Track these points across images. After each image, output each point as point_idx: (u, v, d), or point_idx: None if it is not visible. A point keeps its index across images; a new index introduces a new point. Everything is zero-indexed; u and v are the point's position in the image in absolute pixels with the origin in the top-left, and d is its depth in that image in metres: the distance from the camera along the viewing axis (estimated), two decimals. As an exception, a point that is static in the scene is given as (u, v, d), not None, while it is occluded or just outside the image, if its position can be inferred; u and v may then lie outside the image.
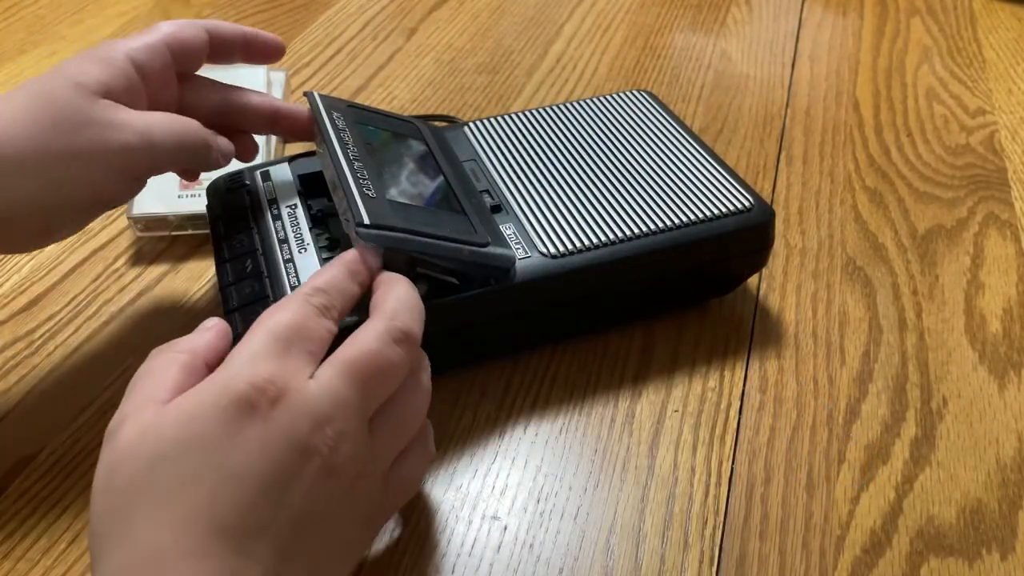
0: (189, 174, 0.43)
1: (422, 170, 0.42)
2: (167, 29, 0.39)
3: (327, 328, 0.30)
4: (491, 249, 0.38)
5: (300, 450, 0.26)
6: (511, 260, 0.39)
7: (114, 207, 0.39)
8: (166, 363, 0.29)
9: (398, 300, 0.32)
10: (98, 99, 0.35)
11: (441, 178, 0.42)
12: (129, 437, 0.26)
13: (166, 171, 0.39)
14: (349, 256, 0.33)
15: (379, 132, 0.43)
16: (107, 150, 0.35)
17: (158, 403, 0.27)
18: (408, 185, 0.40)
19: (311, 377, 0.28)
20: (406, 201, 0.38)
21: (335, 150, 0.39)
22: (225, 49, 0.42)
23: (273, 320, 0.29)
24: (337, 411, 0.28)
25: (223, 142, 0.41)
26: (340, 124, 0.41)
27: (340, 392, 0.28)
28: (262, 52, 0.43)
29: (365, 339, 0.29)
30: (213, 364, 0.30)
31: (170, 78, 0.39)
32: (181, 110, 0.40)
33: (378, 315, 0.31)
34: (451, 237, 0.37)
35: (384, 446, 0.30)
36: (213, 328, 0.31)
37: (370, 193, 0.36)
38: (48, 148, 0.34)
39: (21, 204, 0.34)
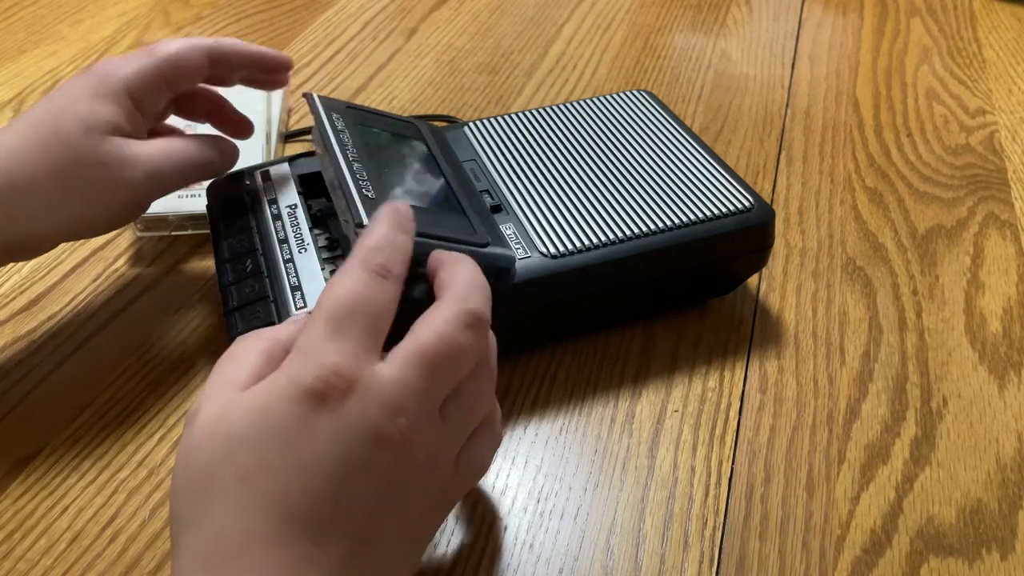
0: None
1: (422, 171, 0.42)
2: (164, 52, 0.40)
3: (390, 294, 0.29)
4: (491, 249, 0.38)
5: (373, 440, 0.26)
6: (511, 260, 0.39)
7: (111, 231, 0.41)
8: (247, 349, 0.29)
9: (467, 281, 0.31)
10: (107, 138, 0.37)
11: (441, 178, 0.42)
12: (207, 421, 0.27)
13: (171, 192, 0.41)
14: (388, 210, 0.32)
15: (379, 133, 0.43)
16: (116, 188, 0.38)
17: (236, 388, 0.27)
18: (408, 185, 0.40)
19: (382, 360, 0.28)
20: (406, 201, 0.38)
21: (335, 151, 0.39)
22: (228, 72, 0.42)
23: (335, 297, 0.28)
24: (409, 399, 0.27)
25: (227, 147, 0.42)
26: (340, 125, 0.41)
27: (411, 380, 0.28)
28: (271, 72, 0.43)
29: (437, 324, 0.29)
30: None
31: (165, 98, 0.41)
32: (176, 99, 0.42)
33: (448, 297, 0.30)
34: (451, 237, 0.37)
35: (455, 432, 0.30)
36: (300, 321, 0.31)
37: (370, 194, 0.36)
38: (62, 187, 0.37)
39: (36, 233, 0.38)
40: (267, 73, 0.43)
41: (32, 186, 0.36)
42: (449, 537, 0.36)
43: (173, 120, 0.45)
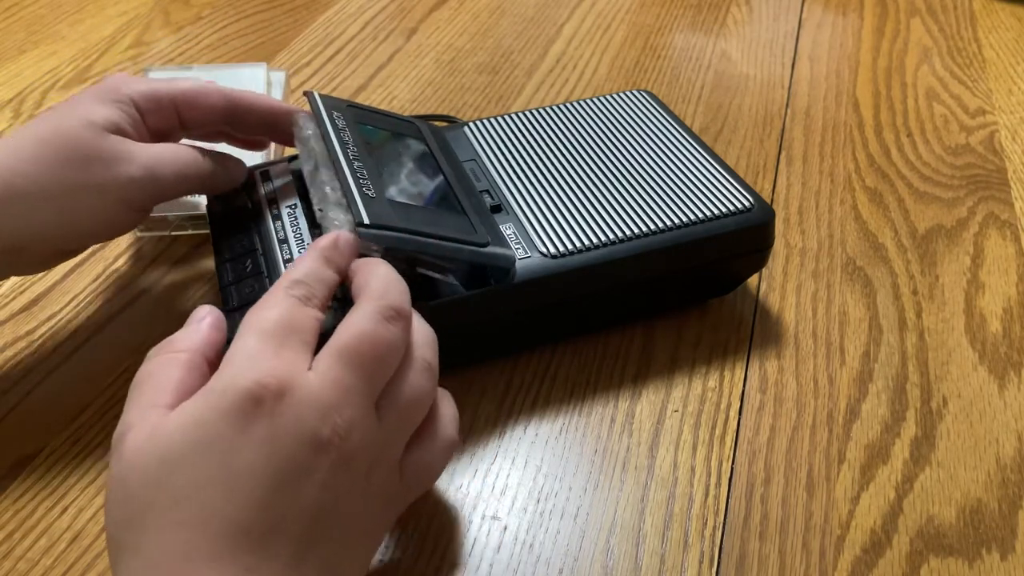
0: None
1: (422, 170, 0.42)
2: (182, 83, 0.40)
3: (314, 316, 0.30)
4: (491, 249, 0.38)
5: (310, 442, 0.26)
6: (511, 260, 0.39)
7: (119, 236, 0.41)
8: (165, 364, 0.29)
9: (381, 279, 0.31)
10: (107, 134, 0.37)
11: (441, 178, 0.42)
12: (136, 445, 0.26)
13: (171, 199, 0.40)
14: (322, 243, 0.33)
15: (379, 132, 0.43)
16: (115, 183, 0.37)
17: (162, 407, 0.27)
18: (408, 185, 0.40)
19: (310, 368, 0.28)
20: (406, 201, 0.38)
21: (335, 150, 0.39)
22: (247, 124, 0.42)
23: (261, 318, 0.29)
24: (342, 398, 0.27)
25: (232, 163, 0.42)
26: (340, 124, 0.41)
27: (342, 378, 0.28)
28: (285, 122, 0.42)
29: (357, 322, 0.29)
30: (212, 359, 0.30)
31: (172, 121, 0.41)
32: (183, 125, 0.41)
33: (364, 296, 0.31)
34: (451, 237, 0.37)
35: (393, 430, 0.30)
36: (207, 320, 0.31)
37: (370, 193, 0.36)
38: (61, 181, 0.36)
39: (35, 233, 0.37)
40: (276, 131, 0.43)
41: (30, 181, 0.36)
42: (449, 537, 0.36)
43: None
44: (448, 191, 0.41)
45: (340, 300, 0.33)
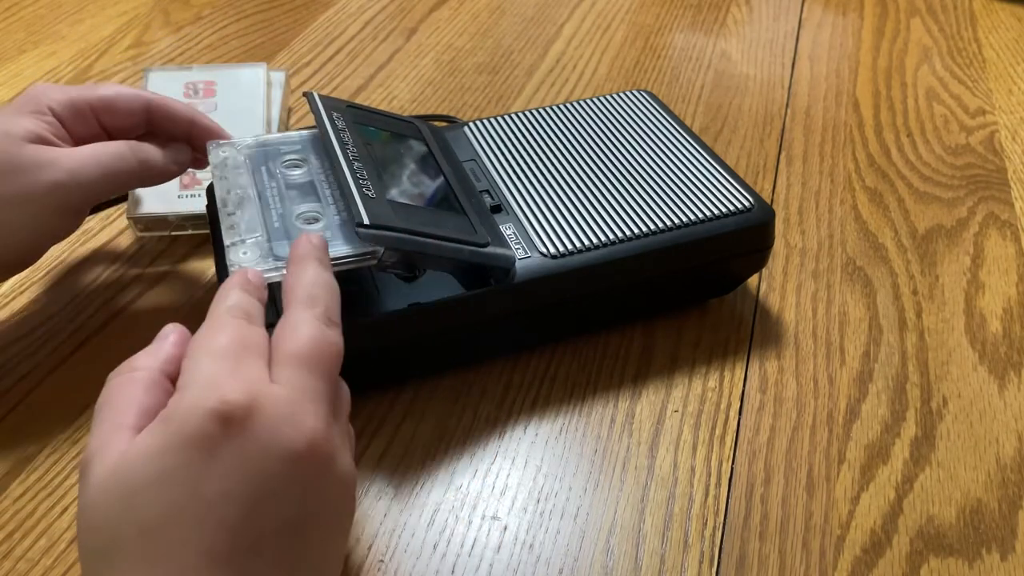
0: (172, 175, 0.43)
1: (422, 170, 0.42)
2: (100, 89, 0.40)
3: (262, 333, 0.29)
4: (491, 249, 0.38)
5: (287, 455, 0.26)
6: (511, 260, 0.39)
7: (60, 240, 0.40)
8: (125, 384, 0.28)
9: (312, 283, 0.31)
10: (26, 144, 0.37)
11: (441, 178, 0.42)
12: (101, 476, 0.25)
13: (105, 198, 0.40)
14: (235, 278, 0.32)
15: (379, 132, 0.43)
16: (40, 191, 0.37)
17: (126, 431, 0.26)
18: (408, 185, 0.40)
19: (272, 381, 0.27)
20: (406, 201, 0.38)
21: (335, 150, 0.39)
22: (167, 127, 0.42)
23: (210, 340, 0.28)
24: (308, 405, 0.27)
25: (174, 151, 0.41)
26: (340, 124, 0.41)
27: (308, 385, 0.27)
28: (203, 138, 0.42)
29: (303, 329, 0.29)
30: (174, 375, 0.29)
31: (92, 127, 0.40)
32: (105, 130, 0.41)
33: (298, 302, 0.30)
34: (451, 237, 0.37)
35: (346, 432, 0.30)
36: (170, 336, 0.31)
37: (370, 193, 0.36)
38: None
39: None
40: (204, 133, 0.42)
41: None
42: (449, 537, 0.36)
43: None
44: (448, 191, 0.41)
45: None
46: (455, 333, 0.40)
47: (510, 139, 0.48)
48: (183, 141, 0.42)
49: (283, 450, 0.26)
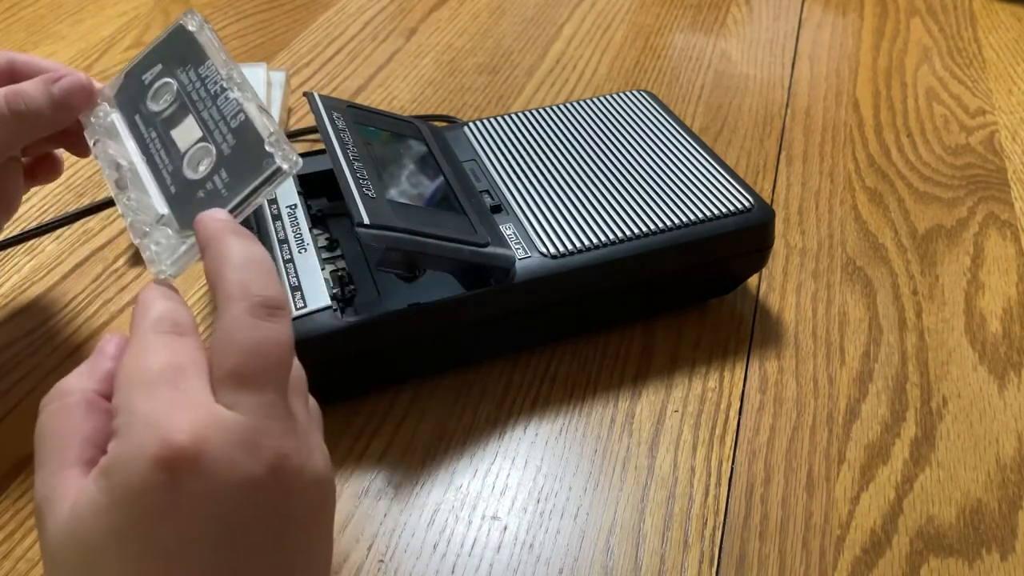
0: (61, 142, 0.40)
1: (422, 170, 0.42)
2: (8, 55, 0.38)
3: (194, 347, 0.26)
4: (491, 249, 0.38)
5: (249, 486, 0.23)
6: (511, 260, 0.39)
7: None
8: (60, 415, 0.25)
9: (234, 267, 0.26)
10: None
11: (441, 178, 0.42)
12: (56, 529, 0.23)
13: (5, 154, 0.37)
14: (152, 292, 0.28)
15: (379, 132, 0.43)
16: None
17: (71, 468, 0.24)
18: (408, 185, 0.40)
19: (216, 402, 0.24)
20: (406, 201, 0.38)
21: (335, 150, 0.39)
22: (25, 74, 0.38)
23: (139, 369, 0.24)
24: (263, 423, 0.24)
25: (54, 87, 0.36)
26: (340, 124, 0.41)
27: (256, 402, 0.24)
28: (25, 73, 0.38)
29: (237, 336, 0.25)
30: (107, 391, 0.26)
31: None
32: None
33: (224, 298, 0.25)
34: (451, 237, 0.37)
35: (310, 429, 0.27)
36: (107, 349, 0.28)
37: (370, 193, 0.36)
38: None
39: None
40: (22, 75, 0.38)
41: None
42: (449, 537, 0.36)
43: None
44: (448, 191, 0.41)
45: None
46: (455, 333, 0.40)
47: (510, 139, 0.48)
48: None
49: (243, 481, 0.23)
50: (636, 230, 0.41)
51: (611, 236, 0.41)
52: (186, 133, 0.32)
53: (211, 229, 0.28)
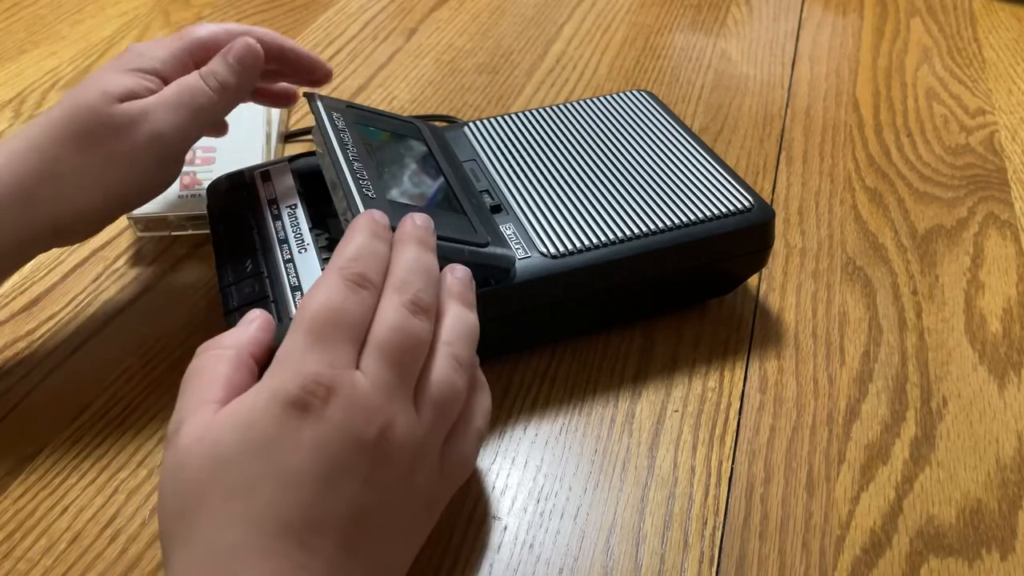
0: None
1: (422, 170, 0.42)
2: (196, 35, 0.41)
3: (367, 304, 0.30)
4: (491, 249, 0.38)
5: (355, 444, 0.27)
6: (511, 260, 0.39)
7: (159, 194, 0.41)
8: (215, 360, 0.30)
9: (406, 268, 0.32)
10: (117, 104, 0.37)
11: (441, 178, 0.42)
12: (189, 440, 0.27)
13: (198, 137, 0.40)
14: (364, 219, 0.33)
15: (379, 132, 0.43)
16: (145, 144, 0.37)
17: (212, 403, 0.28)
18: (408, 185, 0.40)
19: (358, 367, 0.28)
20: (406, 201, 0.38)
21: (335, 151, 0.39)
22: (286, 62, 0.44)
23: (311, 308, 0.29)
24: (385, 399, 0.28)
25: (237, 43, 0.41)
26: (340, 125, 0.41)
27: (386, 378, 0.28)
28: (304, 69, 0.44)
29: (387, 317, 0.29)
30: (259, 357, 0.31)
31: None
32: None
33: (390, 287, 0.31)
34: (451, 237, 0.37)
35: (432, 426, 0.30)
36: (256, 321, 0.32)
37: (370, 194, 0.36)
38: (86, 157, 0.37)
39: (76, 211, 0.38)
40: (300, 74, 0.44)
41: (58, 162, 0.36)
42: (449, 537, 0.36)
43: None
44: (448, 191, 0.41)
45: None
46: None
47: (510, 139, 0.48)
48: (275, 72, 0.44)
49: (353, 437, 0.27)
50: (636, 230, 0.41)
51: (611, 236, 0.41)
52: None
53: (406, 231, 0.33)
